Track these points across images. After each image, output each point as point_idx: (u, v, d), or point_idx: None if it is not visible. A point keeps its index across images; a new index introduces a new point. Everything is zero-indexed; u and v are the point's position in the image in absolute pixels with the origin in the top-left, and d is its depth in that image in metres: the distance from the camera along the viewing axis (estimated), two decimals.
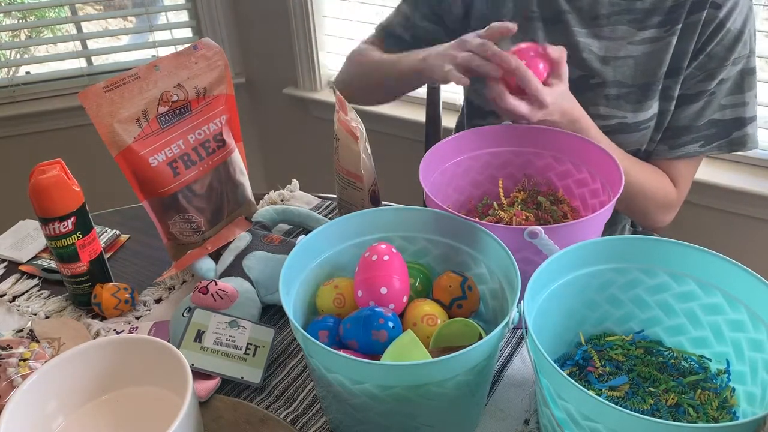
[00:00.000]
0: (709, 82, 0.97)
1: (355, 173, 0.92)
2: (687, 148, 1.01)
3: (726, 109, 0.99)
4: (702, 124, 1.00)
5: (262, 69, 2.21)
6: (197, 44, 0.92)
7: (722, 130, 1.00)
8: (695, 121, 1.00)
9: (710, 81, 0.97)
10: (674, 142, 1.01)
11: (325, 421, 0.73)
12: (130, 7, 2.32)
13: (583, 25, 0.99)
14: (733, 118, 0.99)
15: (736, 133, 1.00)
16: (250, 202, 1.03)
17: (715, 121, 1.00)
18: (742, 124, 1.00)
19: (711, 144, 1.01)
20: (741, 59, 0.96)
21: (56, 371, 0.65)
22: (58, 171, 0.83)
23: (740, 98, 0.99)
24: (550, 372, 0.58)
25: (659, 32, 0.97)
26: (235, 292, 0.82)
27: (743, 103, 0.99)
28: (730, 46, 0.95)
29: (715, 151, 1.02)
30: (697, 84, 0.98)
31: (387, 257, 0.69)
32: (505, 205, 0.91)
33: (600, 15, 0.98)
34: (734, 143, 1.01)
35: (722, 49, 0.95)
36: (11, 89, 2.10)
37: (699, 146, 1.01)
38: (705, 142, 1.00)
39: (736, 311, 0.67)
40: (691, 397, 0.68)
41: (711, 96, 0.98)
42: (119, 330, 0.86)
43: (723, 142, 1.01)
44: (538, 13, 1.01)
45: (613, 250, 0.72)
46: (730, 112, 0.99)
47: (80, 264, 0.87)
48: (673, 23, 0.96)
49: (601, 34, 0.99)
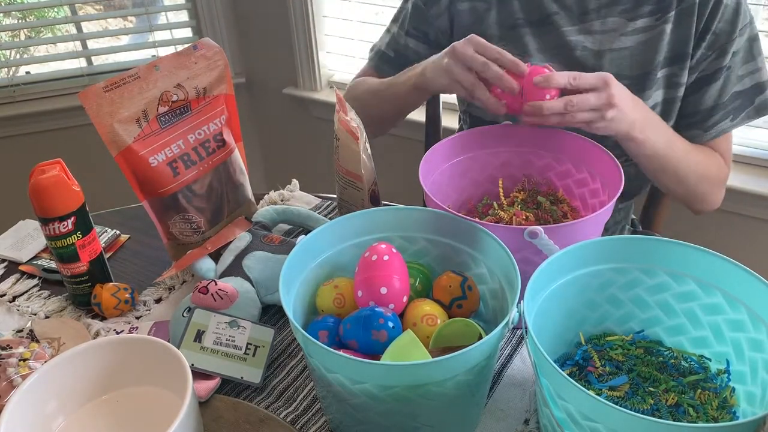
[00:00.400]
0: (723, 58, 0.98)
1: (355, 173, 0.92)
2: (720, 126, 1.02)
3: (744, 78, 1.01)
4: (727, 99, 1.01)
5: (262, 69, 2.21)
6: (197, 44, 0.92)
7: (746, 100, 1.02)
8: (720, 98, 1.01)
9: (724, 57, 0.98)
10: (706, 124, 1.02)
11: (325, 421, 0.73)
12: (130, 7, 2.32)
13: (572, 23, 1.00)
14: (753, 85, 1.01)
15: (759, 98, 1.02)
16: (250, 202, 1.03)
17: (738, 93, 1.01)
18: (762, 88, 1.02)
19: (740, 115, 1.02)
20: (745, 28, 0.98)
21: (56, 371, 0.65)
22: (58, 171, 0.83)
23: (754, 65, 1.00)
24: (550, 372, 0.58)
25: (651, 21, 0.97)
26: (235, 292, 0.82)
27: (758, 69, 1.01)
28: (732, 20, 0.96)
29: (745, 121, 1.03)
30: (712, 63, 0.99)
31: (387, 257, 0.69)
32: (505, 205, 0.90)
33: (589, 10, 0.99)
34: (760, 109, 1.03)
35: (726, 24, 0.96)
36: (11, 89, 2.10)
37: (730, 121, 1.02)
38: (734, 115, 1.02)
39: (736, 311, 0.67)
40: (691, 397, 0.68)
41: (728, 71, 0.99)
42: (119, 330, 0.86)
43: (750, 110, 1.02)
44: (523, 19, 1.01)
45: (613, 250, 0.72)
46: (749, 80, 1.01)
47: (80, 264, 0.87)
48: (664, 11, 0.97)
49: (592, 29, 0.99)
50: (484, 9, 1.03)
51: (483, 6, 1.04)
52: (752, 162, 1.59)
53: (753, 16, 1.00)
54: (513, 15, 1.02)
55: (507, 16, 1.02)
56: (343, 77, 2.10)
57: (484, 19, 1.04)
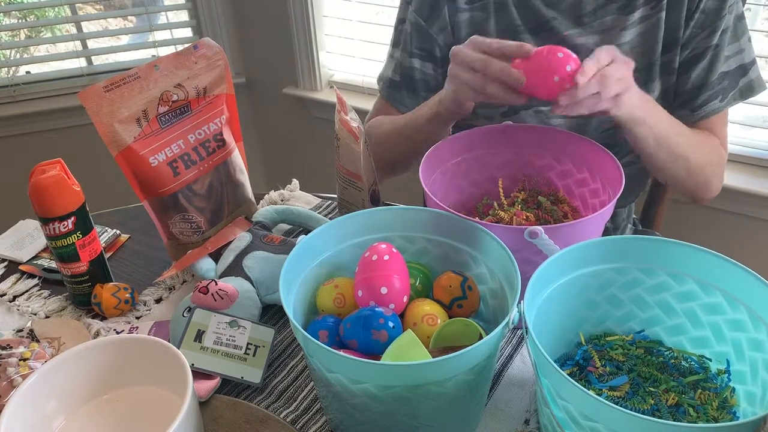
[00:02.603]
0: (713, 36, 0.97)
1: (356, 173, 0.92)
2: (709, 105, 1.01)
3: (730, 59, 1.00)
4: (715, 79, 1.00)
5: (262, 69, 2.21)
6: (197, 44, 0.92)
7: (732, 81, 1.01)
8: (708, 77, 0.99)
9: (713, 35, 0.97)
10: (694, 103, 1.01)
11: (325, 421, 0.73)
12: (130, 7, 2.32)
13: (571, 26, 0.99)
14: (737, 66, 1.00)
15: (743, 80, 1.01)
16: (250, 201, 1.03)
17: (725, 74, 1.00)
18: (745, 70, 1.00)
19: (727, 96, 1.01)
20: (734, 6, 0.97)
21: (56, 371, 0.65)
22: (58, 171, 0.83)
23: (737, 46, 0.99)
24: (550, 372, 0.58)
25: (647, 11, 0.97)
26: (236, 292, 0.82)
27: (741, 50, 0.99)
28: None
29: (732, 102, 1.02)
30: (702, 41, 0.98)
31: (387, 257, 0.69)
32: (506, 205, 0.90)
33: (585, 13, 0.98)
34: (744, 91, 1.01)
35: (715, 2, 0.95)
36: (11, 89, 2.10)
37: (719, 101, 1.01)
38: (722, 96, 1.01)
39: (736, 311, 0.67)
40: (691, 397, 0.68)
41: (717, 49, 0.98)
42: (119, 330, 0.86)
43: (735, 92, 1.01)
44: (522, 26, 1.01)
45: (613, 250, 0.72)
46: (734, 61, 1.00)
47: (80, 264, 0.87)
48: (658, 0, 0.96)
49: (591, 30, 0.99)
50: (482, 18, 1.02)
51: (481, 15, 1.03)
52: (752, 162, 1.59)
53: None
54: (512, 22, 1.01)
55: (506, 24, 1.01)
56: (343, 77, 2.10)
57: (483, 28, 1.03)
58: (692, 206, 1.65)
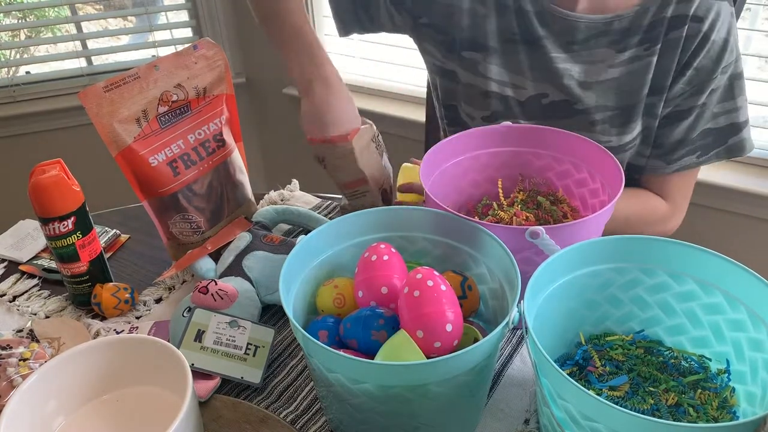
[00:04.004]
0: (699, 96, 0.96)
1: (357, 178, 0.90)
2: (684, 160, 1.00)
3: (719, 116, 0.98)
4: (696, 136, 0.98)
5: (262, 69, 2.21)
6: (197, 44, 0.92)
7: (718, 138, 0.99)
8: (689, 134, 0.98)
9: (700, 95, 0.96)
10: (670, 157, 1.00)
11: (325, 421, 0.73)
12: (130, 7, 2.32)
13: (560, 50, 0.98)
14: (728, 124, 0.98)
15: (733, 139, 0.99)
16: (250, 201, 1.03)
17: (709, 130, 0.98)
18: (737, 129, 0.98)
19: (708, 153, 1.00)
20: (729, 66, 0.95)
21: (56, 371, 0.65)
22: (58, 171, 0.83)
23: (732, 104, 0.97)
24: (550, 372, 0.58)
25: (639, 51, 0.95)
26: (235, 292, 0.82)
27: (736, 109, 0.97)
28: (717, 58, 0.93)
29: (713, 159, 1.00)
30: (687, 99, 0.96)
31: (387, 257, 0.69)
32: (505, 206, 0.90)
33: (576, 40, 0.96)
34: (732, 150, 1.00)
35: (710, 62, 0.93)
36: (11, 89, 2.10)
37: (696, 157, 1.00)
38: (702, 152, 0.99)
39: (736, 311, 0.67)
40: (691, 396, 0.68)
41: (702, 108, 0.97)
42: (119, 330, 0.86)
43: (721, 149, 0.99)
44: (519, 35, 1.00)
45: (613, 250, 0.72)
46: (724, 119, 0.98)
47: (80, 264, 0.87)
48: (652, 42, 0.94)
49: (579, 58, 0.97)
50: (482, 14, 1.01)
51: (482, 10, 1.01)
52: (752, 162, 1.59)
53: (740, 53, 0.97)
54: (510, 29, 1.00)
55: (505, 29, 1.00)
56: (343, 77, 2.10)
57: (482, 26, 1.01)
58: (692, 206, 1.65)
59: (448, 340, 0.62)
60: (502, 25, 1.00)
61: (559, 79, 0.98)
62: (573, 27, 0.96)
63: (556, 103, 0.99)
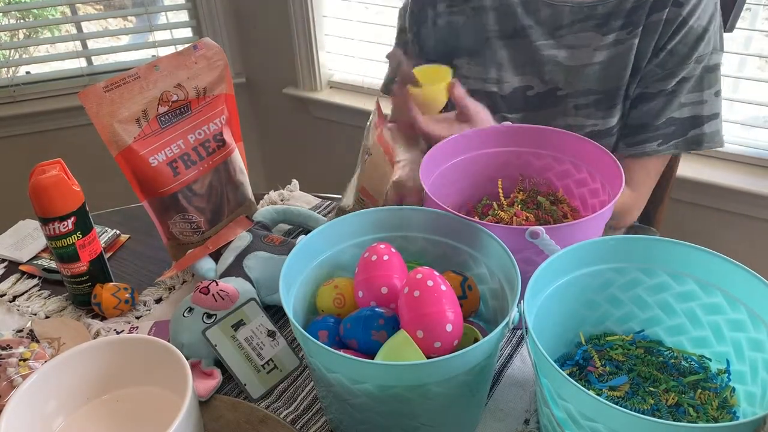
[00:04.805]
0: (670, 80, 0.96)
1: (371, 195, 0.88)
2: (645, 146, 1.00)
3: (685, 107, 0.98)
4: (661, 123, 0.99)
5: (262, 69, 2.21)
6: (197, 44, 0.92)
7: (679, 129, 0.99)
8: (655, 120, 0.98)
9: (671, 79, 0.96)
10: (632, 139, 1.01)
11: (325, 421, 0.73)
12: (130, 7, 2.32)
13: (546, 37, 0.99)
14: (691, 116, 0.98)
15: (693, 131, 0.99)
16: (251, 201, 1.03)
17: (674, 120, 0.98)
18: (699, 122, 0.98)
19: (669, 143, 1.00)
20: (704, 57, 0.95)
21: (56, 371, 0.65)
22: (58, 171, 0.83)
23: (699, 96, 0.97)
24: (550, 372, 0.58)
25: (621, 35, 0.96)
26: (236, 292, 0.82)
27: (701, 101, 0.98)
28: (693, 44, 0.94)
29: (672, 150, 1.00)
30: (657, 82, 0.97)
31: (386, 257, 0.69)
32: (505, 206, 0.90)
33: (562, 25, 0.98)
34: (690, 142, 0.99)
35: (684, 47, 0.94)
36: (11, 89, 2.10)
37: (657, 145, 1.00)
38: (663, 140, 0.99)
39: (736, 311, 0.67)
40: (691, 397, 0.68)
41: (671, 95, 0.97)
42: (119, 330, 0.86)
43: (680, 141, 0.99)
44: (497, 31, 1.01)
45: (613, 250, 0.72)
46: (688, 110, 0.98)
47: (80, 264, 0.87)
48: (634, 25, 0.95)
49: (565, 43, 0.98)
50: (461, 22, 1.03)
51: (460, 19, 1.03)
52: (752, 162, 1.59)
53: (720, 47, 0.96)
54: (486, 27, 1.01)
55: (480, 29, 1.02)
56: (343, 77, 2.10)
57: (459, 33, 1.03)
58: (692, 206, 1.65)
59: (448, 340, 0.62)
60: (476, 26, 1.02)
61: (543, 67, 1.00)
62: (559, 12, 0.97)
63: (541, 94, 1.00)
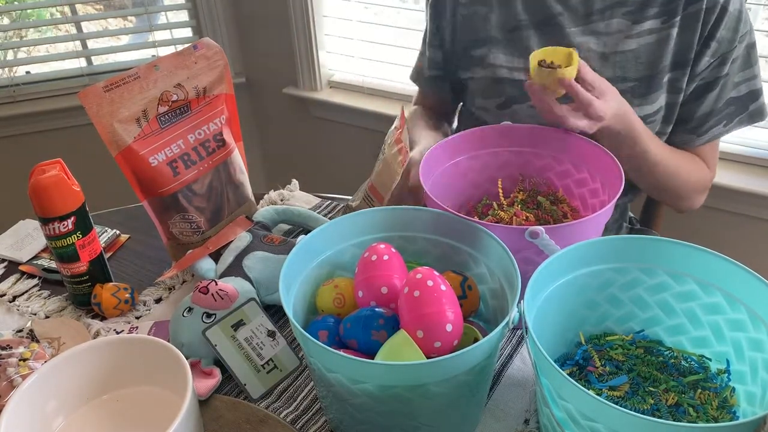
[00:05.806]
0: (724, 66, 0.99)
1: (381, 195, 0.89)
2: (713, 131, 1.04)
3: (740, 84, 1.02)
4: (722, 105, 1.02)
5: (262, 69, 2.20)
6: (197, 44, 0.92)
7: (741, 106, 1.03)
8: (716, 105, 1.02)
9: (724, 65, 0.99)
10: (700, 129, 1.04)
11: (325, 421, 0.73)
12: (130, 7, 2.32)
13: (577, 24, 1.00)
14: (748, 92, 1.02)
15: (753, 105, 1.03)
16: (251, 201, 1.03)
17: (733, 99, 1.02)
18: (757, 95, 1.03)
19: (733, 121, 1.03)
20: (745, 36, 0.99)
21: (56, 371, 0.65)
22: (58, 171, 0.83)
23: (750, 72, 1.01)
24: (550, 372, 0.58)
25: (655, 24, 0.98)
26: (236, 292, 0.82)
27: (754, 76, 1.02)
28: (735, 27, 0.97)
29: (737, 127, 1.04)
30: (713, 71, 1.00)
31: (387, 257, 0.69)
32: (505, 206, 0.90)
33: (593, 11, 0.99)
34: (754, 115, 1.04)
35: (729, 32, 0.97)
36: (11, 89, 2.10)
37: (723, 126, 1.04)
38: (727, 120, 1.03)
39: (736, 311, 0.67)
40: (691, 396, 0.68)
41: (726, 78, 1.00)
42: (119, 330, 0.86)
43: (743, 116, 1.04)
44: (527, 20, 1.02)
45: (613, 250, 0.72)
46: (745, 86, 1.02)
47: (80, 264, 0.87)
48: (671, 15, 0.97)
49: (596, 29, 0.99)
50: (485, 12, 1.04)
51: (484, 9, 1.04)
52: (752, 162, 1.59)
53: (752, 23, 1.01)
54: (516, 17, 1.02)
55: (509, 18, 1.02)
56: (343, 77, 2.10)
57: (485, 22, 1.04)
58: None
59: (448, 340, 0.62)
60: (505, 16, 1.03)
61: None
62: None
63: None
